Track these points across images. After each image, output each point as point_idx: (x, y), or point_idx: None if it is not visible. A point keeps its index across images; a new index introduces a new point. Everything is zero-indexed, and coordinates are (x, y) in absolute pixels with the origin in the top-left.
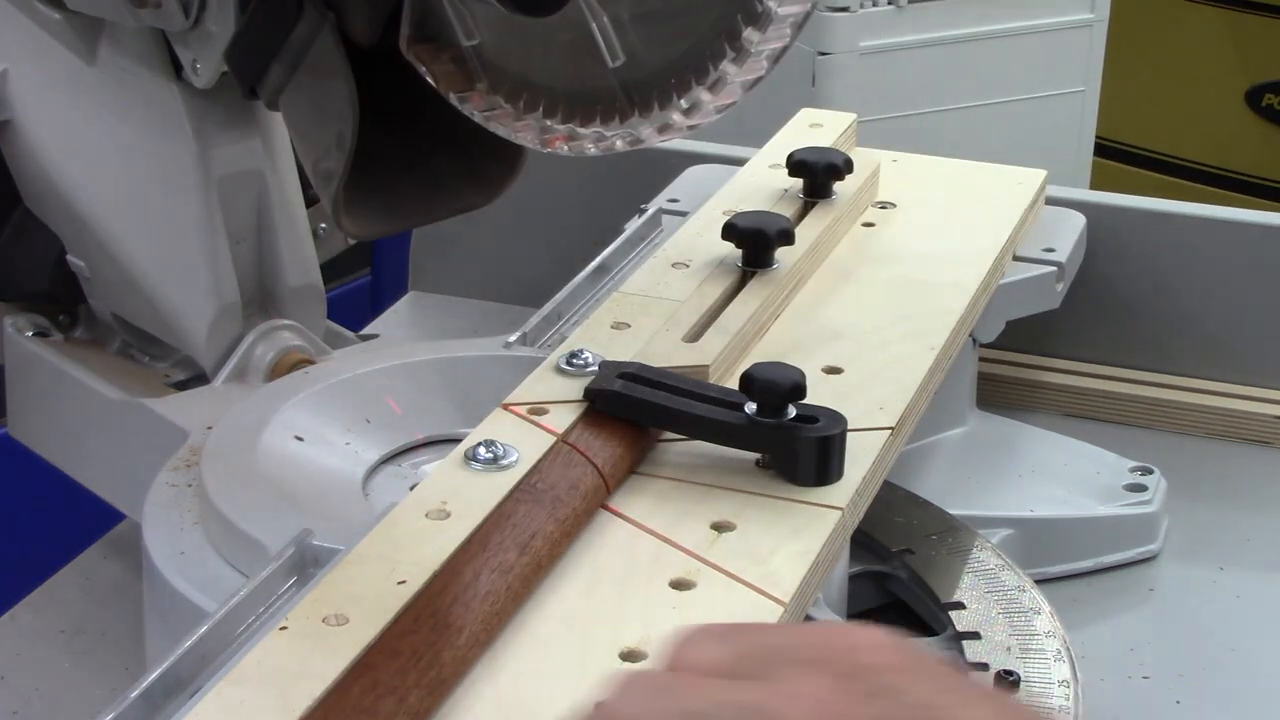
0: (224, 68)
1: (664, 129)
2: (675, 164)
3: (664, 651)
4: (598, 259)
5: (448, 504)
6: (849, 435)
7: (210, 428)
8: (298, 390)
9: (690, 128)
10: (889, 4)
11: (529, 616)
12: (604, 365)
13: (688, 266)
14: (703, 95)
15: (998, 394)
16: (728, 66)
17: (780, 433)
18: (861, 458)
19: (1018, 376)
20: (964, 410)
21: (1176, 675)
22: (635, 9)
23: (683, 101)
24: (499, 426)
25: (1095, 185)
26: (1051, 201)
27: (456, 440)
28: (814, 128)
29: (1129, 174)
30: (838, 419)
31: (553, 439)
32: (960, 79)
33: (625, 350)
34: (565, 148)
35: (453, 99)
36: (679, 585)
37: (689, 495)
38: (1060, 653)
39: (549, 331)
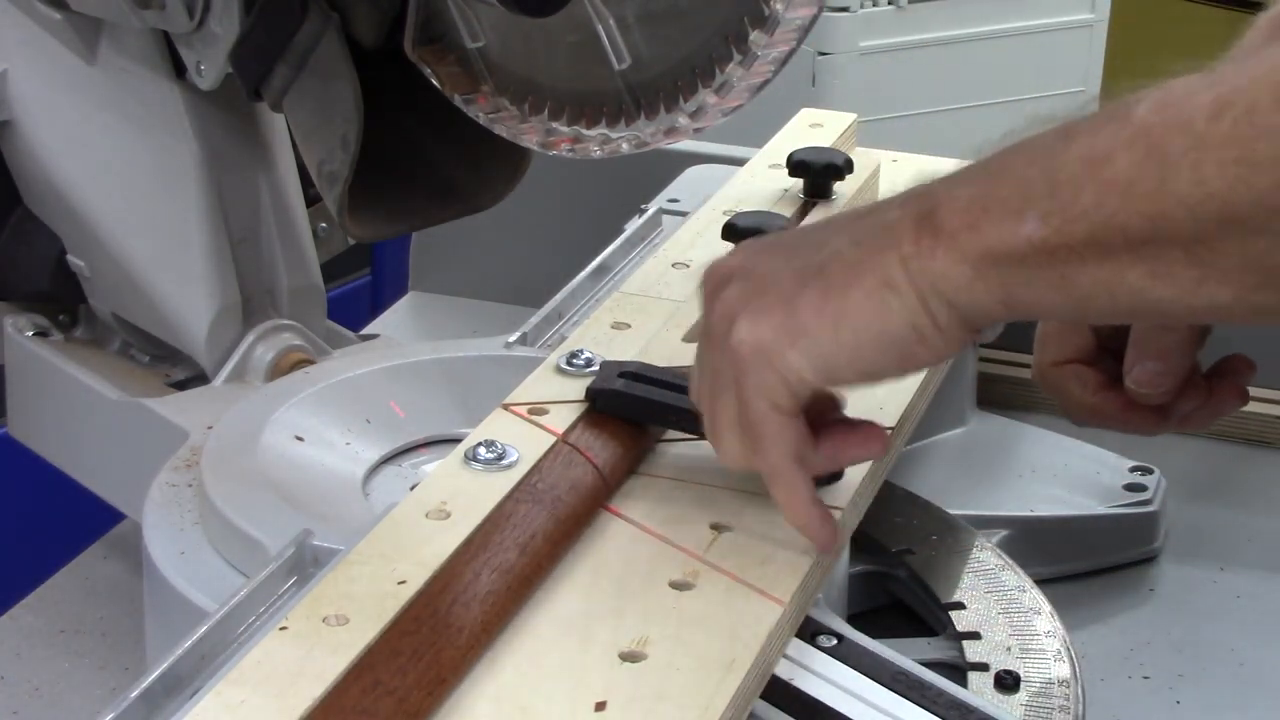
0: (228, 69)
1: (670, 132)
2: (675, 164)
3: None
4: (598, 259)
5: (448, 504)
6: None
7: (210, 428)
8: (298, 390)
9: (696, 130)
10: (889, 4)
11: (529, 616)
12: (604, 365)
13: (688, 266)
14: (709, 98)
15: (998, 394)
16: (734, 70)
17: None
18: None
19: (1018, 376)
20: (964, 410)
21: (1176, 675)
22: (641, 11)
23: (688, 104)
24: (499, 426)
25: None
26: None
27: (456, 440)
28: (814, 128)
29: None
30: None
31: (553, 439)
32: (960, 79)
33: (625, 350)
34: (570, 150)
35: (458, 101)
36: (678, 585)
37: (689, 495)
38: (1060, 653)
39: (549, 331)
